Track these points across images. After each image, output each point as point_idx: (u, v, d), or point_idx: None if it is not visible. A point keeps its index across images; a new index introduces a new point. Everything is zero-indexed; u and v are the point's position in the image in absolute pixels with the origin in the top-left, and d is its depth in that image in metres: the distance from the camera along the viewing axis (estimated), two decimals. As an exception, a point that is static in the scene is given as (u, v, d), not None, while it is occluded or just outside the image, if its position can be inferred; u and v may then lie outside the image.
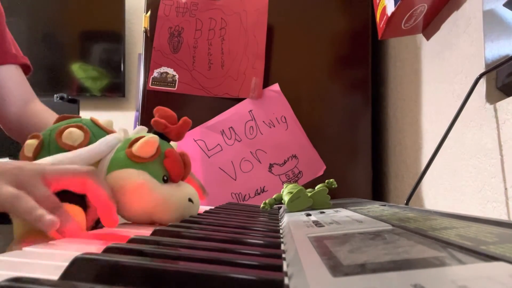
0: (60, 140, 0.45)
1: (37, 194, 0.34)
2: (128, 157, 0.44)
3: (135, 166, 0.43)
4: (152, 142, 0.44)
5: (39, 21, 2.17)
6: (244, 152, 1.11)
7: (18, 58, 0.79)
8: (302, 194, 0.52)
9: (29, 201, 0.33)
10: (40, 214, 0.32)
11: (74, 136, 0.45)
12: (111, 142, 0.46)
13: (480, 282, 0.13)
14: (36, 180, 0.35)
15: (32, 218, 0.32)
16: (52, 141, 0.45)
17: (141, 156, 0.43)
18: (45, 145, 0.45)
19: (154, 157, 0.44)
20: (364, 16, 1.15)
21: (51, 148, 0.45)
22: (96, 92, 2.25)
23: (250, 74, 1.12)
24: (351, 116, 1.13)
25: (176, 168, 0.46)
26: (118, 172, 0.43)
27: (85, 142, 0.45)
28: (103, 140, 0.45)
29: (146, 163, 0.44)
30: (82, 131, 0.46)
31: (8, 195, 0.33)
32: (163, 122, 0.49)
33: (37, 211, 0.32)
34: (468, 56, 0.67)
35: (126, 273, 0.19)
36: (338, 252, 0.21)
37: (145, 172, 0.43)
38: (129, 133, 0.50)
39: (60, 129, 0.45)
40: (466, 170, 0.66)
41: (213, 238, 0.31)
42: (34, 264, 0.23)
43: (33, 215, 0.32)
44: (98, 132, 0.48)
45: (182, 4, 1.14)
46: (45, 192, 0.35)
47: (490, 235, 0.21)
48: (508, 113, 0.54)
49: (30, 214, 0.32)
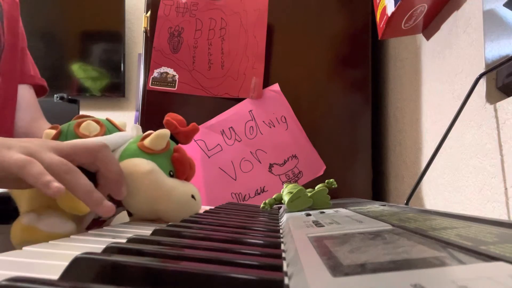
0: (78, 130, 0.47)
1: (47, 160, 0.35)
2: (139, 148, 0.46)
3: (145, 156, 0.46)
4: (163, 135, 0.47)
5: (39, 21, 2.17)
6: (244, 152, 1.11)
7: (35, 79, 0.86)
8: (302, 194, 0.52)
9: (38, 166, 0.33)
10: (48, 179, 0.32)
11: (91, 128, 0.48)
12: (125, 136, 0.49)
13: (480, 282, 0.13)
14: (46, 148, 0.36)
15: (39, 183, 0.32)
16: (70, 131, 0.48)
17: (151, 148, 0.46)
18: (63, 134, 0.48)
19: (163, 150, 0.47)
20: (364, 16, 1.15)
21: (68, 137, 0.47)
22: (96, 92, 2.25)
23: (250, 74, 1.12)
24: (351, 116, 1.13)
25: (183, 164, 0.48)
26: (129, 160, 0.45)
27: (101, 134, 0.48)
28: (118, 133, 0.49)
29: (156, 155, 0.46)
30: (98, 125, 0.49)
31: (18, 160, 0.33)
32: (175, 123, 0.52)
33: (45, 177, 0.32)
34: (468, 56, 0.67)
35: (126, 273, 0.19)
36: (338, 252, 0.21)
37: (153, 163, 0.46)
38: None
39: (79, 122, 0.48)
40: (466, 170, 0.66)
41: (213, 238, 0.31)
42: (34, 264, 0.23)
43: (40, 180, 0.32)
44: (113, 129, 0.51)
45: (182, 4, 1.14)
46: (53, 157, 0.35)
47: (490, 235, 0.21)
48: (508, 113, 0.54)
49: (38, 179, 0.32)
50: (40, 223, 0.38)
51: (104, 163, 0.39)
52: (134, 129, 0.51)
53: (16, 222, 0.39)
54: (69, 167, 0.35)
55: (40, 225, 0.38)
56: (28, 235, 0.37)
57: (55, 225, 0.38)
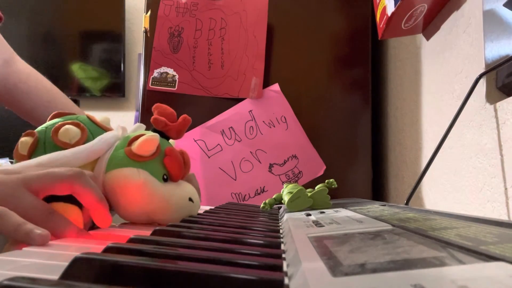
0: (56, 138, 0.43)
1: (23, 206, 0.32)
2: (128, 156, 0.43)
3: (134, 165, 0.42)
4: (152, 141, 0.43)
5: (39, 21, 2.17)
6: (244, 152, 1.11)
7: None
8: (302, 194, 0.52)
9: (14, 216, 0.30)
10: (28, 229, 0.29)
11: (71, 134, 0.43)
12: (109, 140, 0.44)
13: (480, 282, 0.13)
14: (20, 191, 0.33)
15: (19, 235, 0.29)
16: (48, 138, 0.44)
17: (141, 155, 0.42)
18: (41, 142, 0.44)
19: (154, 156, 0.43)
20: (364, 16, 1.15)
21: (47, 146, 0.43)
22: (96, 92, 2.25)
23: (250, 74, 1.12)
24: (351, 116, 1.13)
25: (176, 167, 0.45)
26: (118, 171, 0.42)
27: (82, 140, 0.44)
28: (101, 137, 0.44)
29: (146, 162, 0.43)
30: (79, 129, 0.44)
31: None
32: (163, 120, 0.48)
33: (24, 227, 0.29)
34: (468, 56, 0.67)
35: (126, 273, 0.19)
36: (338, 252, 0.21)
37: (145, 171, 0.42)
38: (128, 130, 0.49)
39: (56, 127, 0.44)
40: (466, 170, 0.66)
41: (213, 238, 0.31)
42: (34, 264, 0.23)
43: (20, 232, 0.29)
44: (96, 129, 0.47)
45: (182, 4, 1.14)
46: (32, 202, 0.33)
47: (490, 235, 0.21)
48: (508, 113, 0.54)
49: (17, 231, 0.29)
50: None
51: (81, 196, 0.36)
52: (119, 129, 0.47)
53: None
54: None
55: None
56: None
57: None
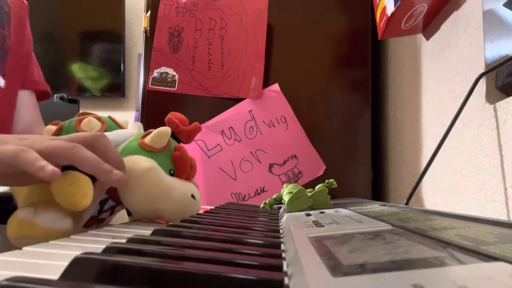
0: (79, 127, 0.47)
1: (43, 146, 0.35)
2: (140, 145, 0.46)
3: (145, 154, 0.46)
4: (164, 133, 0.46)
5: (39, 21, 2.17)
6: (244, 152, 1.11)
7: (39, 85, 0.84)
8: (302, 194, 0.52)
9: (33, 153, 0.33)
10: (43, 164, 0.32)
11: (92, 124, 0.48)
12: (126, 134, 0.49)
13: (480, 282, 0.13)
14: (43, 139, 0.36)
15: (34, 168, 0.32)
16: (71, 127, 0.47)
17: (152, 145, 0.46)
18: (64, 130, 0.47)
19: (164, 149, 0.46)
20: (364, 16, 1.15)
21: (69, 133, 0.46)
22: (96, 92, 2.25)
23: (250, 74, 1.12)
24: (351, 116, 1.13)
25: (183, 163, 0.48)
26: (128, 157, 0.45)
27: (102, 131, 0.47)
28: (119, 130, 0.49)
29: (156, 153, 0.46)
30: (100, 122, 0.48)
31: (13, 149, 0.33)
32: (176, 121, 0.51)
33: (39, 162, 0.33)
34: (468, 56, 0.67)
35: (126, 273, 0.19)
36: (338, 252, 0.21)
37: (153, 161, 0.45)
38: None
39: (80, 118, 0.48)
40: (466, 170, 0.66)
41: (213, 238, 0.31)
42: (34, 264, 0.23)
43: (35, 165, 0.32)
44: (115, 126, 0.51)
45: (182, 4, 1.14)
46: (51, 143, 0.35)
47: (490, 235, 0.21)
48: (508, 113, 0.54)
49: (33, 164, 0.32)
50: (36, 218, 0.37)
51: (101, 152, 0.38)
52: (135, 127, 0.51)
53: (12, 216, 0.38)
54: (71, 144, 0.36)
55: (36, 220, 0.37)
56: (24, 229, 0.37)
57: (51, 221, 0.38)
